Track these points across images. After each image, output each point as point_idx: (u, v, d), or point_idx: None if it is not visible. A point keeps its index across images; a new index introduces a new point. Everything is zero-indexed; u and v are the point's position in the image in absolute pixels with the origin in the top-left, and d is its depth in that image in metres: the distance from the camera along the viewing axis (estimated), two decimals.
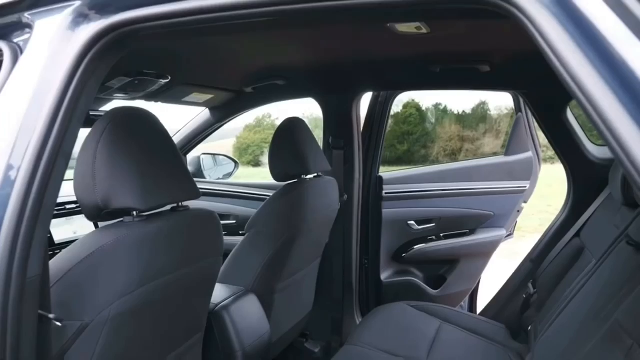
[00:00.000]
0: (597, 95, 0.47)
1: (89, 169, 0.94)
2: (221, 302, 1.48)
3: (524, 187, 2.23)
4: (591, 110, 0.48)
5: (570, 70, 0.50)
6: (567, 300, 1.42)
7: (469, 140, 11.28)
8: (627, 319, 1.00)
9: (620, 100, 0.46)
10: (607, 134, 0.47)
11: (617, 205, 1.52)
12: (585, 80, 0.48)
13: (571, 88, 0.50)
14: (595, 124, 0.48)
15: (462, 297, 2.38)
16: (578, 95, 0.49)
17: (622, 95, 0.46)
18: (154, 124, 1.05)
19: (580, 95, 0.49)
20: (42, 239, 0.79)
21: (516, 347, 1.71)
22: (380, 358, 1.55)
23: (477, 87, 2.11)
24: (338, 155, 2.09)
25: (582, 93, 0.49)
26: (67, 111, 0.77)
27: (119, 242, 0.92)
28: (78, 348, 0.91)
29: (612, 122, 0.46)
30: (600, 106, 0.47)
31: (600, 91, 0.47)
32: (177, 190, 1.06)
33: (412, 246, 2.27)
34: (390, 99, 2.22)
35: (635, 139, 0.45)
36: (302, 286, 1.92)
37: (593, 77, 0.48)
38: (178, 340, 1.19)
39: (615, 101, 0.46)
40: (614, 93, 0.47)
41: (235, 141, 13.61)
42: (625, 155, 0.46)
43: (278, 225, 1.65)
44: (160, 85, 1.70)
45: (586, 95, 0.48)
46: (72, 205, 1.82)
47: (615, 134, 0.46)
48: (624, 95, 0.46)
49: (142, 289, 0.96)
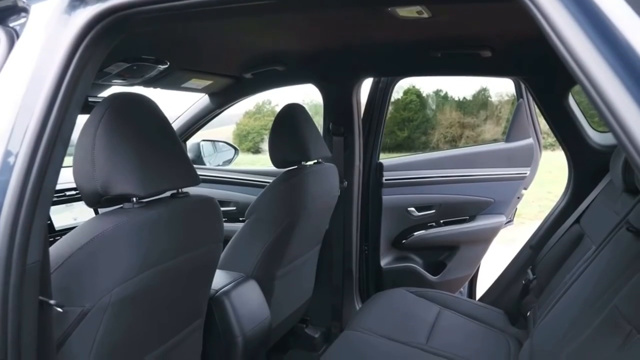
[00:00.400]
0: (601, 79, 0.47)
1: (88, 155, 0.94)
2: (221, 288, 1.49)
3: (524, 174, 2.23)
4: (594, 94, 0.47)
5: (574, 53, 0.49)
6: (566, 286, 1.43)
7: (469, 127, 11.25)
8: (626, 305, 1.00)
9: (625, 84, 0.46)
10: (611, 118, 0.46)
11: (617, 191, 1.51)
12: (588, 63, 0.48)
13: (574, 71, 0.49)
14: (598, 108, 0.48)
15: (462, 283, 2.40)
16: (581, 79, 0.49)
17: (627, 79, 0.46)
18: (153, 109, 1.05)
19: (583, 79, 0.48)
20: (42, 225, 0.78)
21: (515, 332, 1.72)
22: (380, 343, 1.57)
23: (479, 72, 2.10)
24: (338, 142, 2.09)
25: (585, 77, 0.48)
26: (64, 96, 0.76)
27: (118, 228, 0.92)
28: (79, 334, 0.91)
29: (615, 106, 0.46)
30: (604, 90, 0.46)
31: (604, 75, 0.46)
32: (176, 176, 1.06)
33: (412, 232, 2.27)
34: (391, 85, 2.21)
35: (639, 124, 0.45)
36: (302, 272, 1.92)
37: (597, 61, 0.47)
38: (179, 326, 1.20)
39: (619, 85, 0.46)
40: (618, 77, 0.46)
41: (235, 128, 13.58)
42: (628, 140, 0.45)
43: (278, 211, 1.65)
44: (159, 71, 1.68)
45: (589, 79, 0.48)
46: (72, 191, 1.82)
47: (618, 118, 0.45)
48: (628, 79, 0.46)
49: (143, 275, 0.96)
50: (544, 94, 1.88)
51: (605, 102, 0.46)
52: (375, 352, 1.51)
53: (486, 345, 1.61)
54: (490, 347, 1.61)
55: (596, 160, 1.83)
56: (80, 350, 0.93)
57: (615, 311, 1.02)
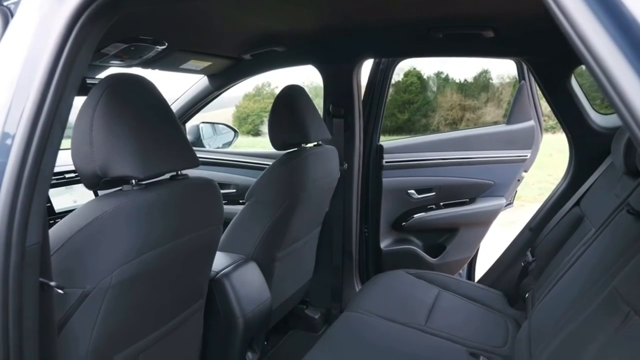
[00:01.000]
0: (608, 58, 0.46)
1: (86, 136, 0.93)
2: (222, 270, 1.49)
3: (524, 156, 2.22)
4: (600, 74, 0.46)
5: (580, 32, 0.48)
6: (565, 268, 1.43)
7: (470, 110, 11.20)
8: (625, 287, 1.00)
9: (632, 63, 0.45)
10: (616, 98, 0.45)
11: (618, 174, 1.51)
12: (595, 42, 0.47)
13: (580, 50, 0.48)
14: (603, 88, 0.47)
15: (461, 265, 2.41)
16: (587, 58, 0.48)
17: (634, 59, 0.45)
18: (152, 90, 1.04)
19: (589, 58, 0.47)
20: (41, 207, 0.78)
21: (513, 313, 1.74)
22: (379, 324, 1.58)
23: (481, 53, 2.07)
24: (338, 124, 2.07)
25: (591, 56, 0.47)
26: (61, 76, 0.75)
27: (118, 210, 0.92)
28: (81, 315, 0.92)
29: (622, 86, 0.45)
30: (610, 69, 0.45)
31: (611, 54, 0.45)
32: (175, 158, 1.05)
33: (411, 215, 2.28)
34: (392, 66, 2.19)
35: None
36: (302, 254, 1.93)
37: (603, 39, 0.46)
38: (179, 307, 1.20)
39: (626, 65, 0.45)
40: (625, 56, 0.45)
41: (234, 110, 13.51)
42: (633, 120, 0.45)
43: (278, 193, 1.64)
44: (157, 51, 1.66)
45: (595, 58, 0.47)
46: (72, 174, 1.81)
47: (624, 98, 0.45)
48: (635, 59, 0.45)
49: (143, 257, 0.96)
50: (546, 76, 1.86)
51: (611, 81, 0.45)
52: (374, 332, 1.53)
53: (485, 326, 1.63)
54: (488, 328, 1.62)
55: (597, 142, 1.82)
56: (81, 332, 0.93)
57: (614, 293, 1.02)
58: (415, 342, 1.49)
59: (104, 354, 0.99)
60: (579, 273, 1.34)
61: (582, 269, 1.35)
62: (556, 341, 1.13)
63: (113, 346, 1.01)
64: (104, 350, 0.98)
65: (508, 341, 1.54)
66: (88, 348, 0.94)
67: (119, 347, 1.03)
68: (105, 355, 0.99)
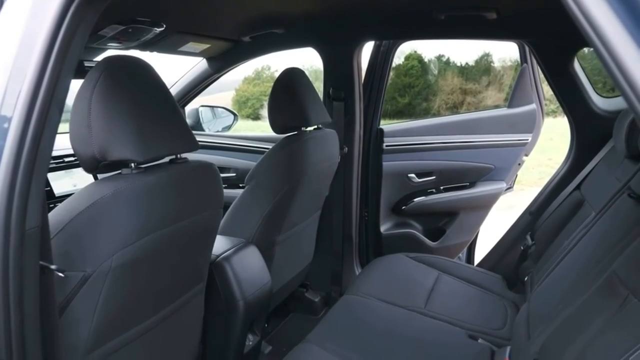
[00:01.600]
0: (615, 39, 0.45)
1: (85, 119, 0.92)
2: (222, 254, 1.50)
3: (526, 140, 2.21)
4: (607, 55, 0.46)
5: (586, 12, 0.47)
6: (565, 251, 1.43)
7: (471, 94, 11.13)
8: (625, 270, 1.01)
9: (639, 43, 0.44)
10: (622, 80, 0.45)
11: (619, 158, 1.50)
12: (602, 23, 0.46)
13: (586, 32, 0.47)
14: (609, 69, 0.46)
15: (461, 249, 2.42)
16: (592, 37, 0.47)
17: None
18: (150, 73, 1.02)
19: (594, 37, 0.46)
20: (40, 190, 0.78)
21: (512, 296, 1.75)
22: (379, 307, 1.59)
23: (483, 36, 2.05)
24: (338, 107, 2.06)
25: (597, 35, 0.46)
26: (57, 58, 0.74)
27: (117, 193, 0.92)
28: (82, 298, 0.92)
29: (628, 67, 0.44)
30: (617, 51, 0.45)
31: (618, 35, 0.45)
32: (175, 141, 1.05)
33: (411, 199, 2.28)
34: (392, 49, 2.16)
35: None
36: (302, 238, 1.94)
37: (611, 20, 0.45)
38: (180, 290, 1.21)
39: (633, 46, 0.44)
40: (632, 38, 0.44)
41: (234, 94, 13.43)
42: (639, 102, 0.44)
43: (278, 177, 1.64)
44: (155, 33, 1.64)
45: (601, 38, 0.46)
46: (71, 158, 1.81)
47: (630, 80, 0.44)
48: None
49: (143, 240, 0.96)
50: (549, 58, 1.84)
51: (618, 62, 0.45)
52: (374, 315, 1.54)
53: (484, 309, 1.64)
54: (487, 311, 1.63)
55: (599, 126, 1.81)
56: (82, 315, 0.94)
57: (613, 276, 1.02)
58: (414, 325, 1.50)
59: (105, 336, 1.00)
60: (579, 256, 1.34)
61: (581, 252, 1.35)
62: (555, 324, 1.14)
63: (115, 329, 1.02)
64: (105, 333, 0.99)
65: (507, 324, 1.55)
66: (90, 331, 0.95)
67: (120, 330, 1.04)
68: (107, 337, 1.00)
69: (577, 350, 0.95)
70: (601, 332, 0.93)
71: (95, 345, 0.98)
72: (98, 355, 0.99)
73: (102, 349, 1.00)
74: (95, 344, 0.98)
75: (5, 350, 0.78)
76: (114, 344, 1.03)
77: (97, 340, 0.98)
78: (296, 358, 1.26)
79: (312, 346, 1.31)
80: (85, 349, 0.96)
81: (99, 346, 0.99)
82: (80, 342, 0.95)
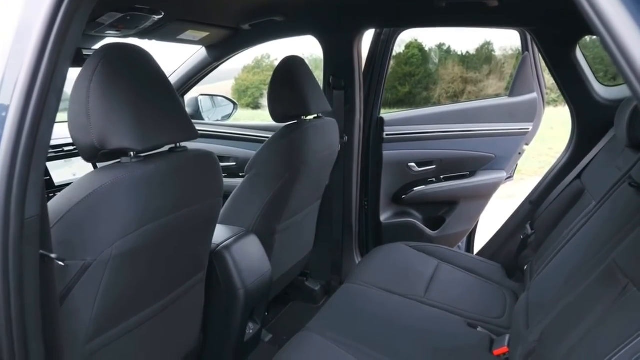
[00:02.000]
0: (620, 27, 0.44)
1: (83, 107, 0.92)
2: (222, 243, 1.50)
3: (526, 129, 2.20)
4: (610, 42, 0.45)
5: None
6: (564, 240, 1.44)
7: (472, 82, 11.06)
8: (625, 259, 1.01)
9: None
10: (627, 68, 0.44)
11: (620, 147, 1.50)
12: (605, 8, 0.45)
13: (590, 17, 0.47)
14: (613, 57, 0.45)
15: (460, 238, 2.42)
16: (596, 24, 0.46)
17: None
18: (149, 61, 1.01)
19: (599, 25, 0.46)
20: (39, 178, 0.77)
21: (511, 285, 1.75)
22: (379, 296, 1.60)
23: (485, 23, 2.03)
24: (338, 96, 2.05)
25: (601, 22, 0.45)
26: (54, 46, 0.73)
27: (116, 182, 0.91)
28: (82, 287, 0.92)
29: (633, 55, 0.43)
30: (621, 37, 0.44)
31: (624, 23, 0.44)
32: (174, 130, 1.04)
33: (412, 188, 2.27)
34: (393, 37, 2.14)
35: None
36: (302, 227, 1.94)
37: (614, 5, 0.44)
38: (180, 279, 1.21)
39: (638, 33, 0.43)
40: (637, 24, 0.44)
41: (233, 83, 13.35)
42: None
43: (278, 166, 1.64)
44: (154, 21, 1.63)
45: (606, 25, 0.45)
46: (70, 147, 1.80)
47: (635, 68, 0.43)
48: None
49: (143, 229, 0.96)
50: (551, 46, 1.82)
51: (623, 50, 0.44)
52: (374, 304, 1.54)
53: (483, 298, 1.65)
54: (487, 299, 1.64)
55: (601, 115, 1.80)
56: (83, 303, 0.94)
57: (613, 265, 1.02)
58: (414, 313, 1.51)
59: (106, 324, 1.00)
60: (579, 245, 1.35)
61: (581, 241, 1.35)
62: (554, 312, 1.14)
63: (115, 317, 1.02)
64: (106, 321, 1.00)
65: (506, 312, 1.56)
66: (90, 319, 0.95)
67: (121, 318, 1.04)
68: (107, 326, 1.01)
69: (576, 338, 0.96)
70: (600, 320, 0.93)
71: (96, 334, 0.98)
72: (99, 343, 1.00)
73: (103, 337, 1.00)
74: (96, 332, 0.98)
75: (7, 338, 0.78)
76: (115, 332, 1.03)
77: (98, 329, 0.98)
78: (296, 346, 1.27)
79: (312, 334, 1.31)
80: (86, 338, 0.97)
81: (100, 334, 1.00)
82: (81, 331, 0.96)
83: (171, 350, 1.28)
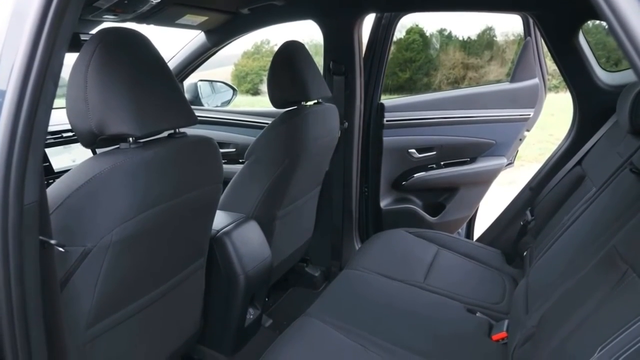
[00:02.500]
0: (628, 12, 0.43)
1: (81, 93, 0.91)
2: (222, 229, 1.50)
3: (527, 115, 2.19)
4: (616, 25, 0.44)
5: None
6: (564, 226, 1.44)
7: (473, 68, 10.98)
8: (625, 245, 1.01)
9: None
10: (633, 53, 0.43)
11: (622, 133, 1.49)
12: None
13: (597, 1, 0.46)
14: (619, 41, 0.44)
15: (460, 224, 2.43)
16: (602, 7, 0.45)
17: None
18: (147, 45, 1.00)
19: (605, 7, 0.45)
20: (37, 164, 0.77)
21: (511, 271, 1.76)
22: (379, 282, 1.60)
23: (487, 8, 2.00)
24: (339, 81, 2.03)
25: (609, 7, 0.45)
26: (50, 30, 0.72)
27: (115, 168, 0.91)
28: (82, 273, 0.93)
29: None
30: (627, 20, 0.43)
31: (631, 6, 0.43)
32: (173, 115, 1.03)
33: (412, 174, 2.27)
34: (394, 22, 2.12)
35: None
36: (302, 213, 1.94)
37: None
38: (180, 265, 1.21)
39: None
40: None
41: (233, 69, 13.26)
42: None
43: (277, 152, 1.63)
44: (151, 5, 1.61)
45: (612, 8, 0.44)
46: (69, 133, 1.79)
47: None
48: None
49: (143, 215, 0.96)
50: (553, 31, 1.80)
51: (629, 34, 0.43)
52: (373, 289, 1.55)
53: (482, 284, 1.65)
54: (486, 285, 1.65)
55: (602, 100, 1.79)
56: (84, 289, 0.94)
57: (613, 251, 1.03)
58: (413, 299, 1.51)
59: (106, 310, 1.00)
60: (579, 231, 1.35)
61: (581, 227, 1.35)
62: (553, 298, 1.15)
63: (116, 303, 1.03)
64: (106, 307, 1.00)
65: (505, 298, 1.57)
66: (91, 305, 0.96)
67: (121, 304, 1.04)
68: (108, 311, 1.01)
69: (574, 324, 0.96)
70: (599, 306, 0.94)
71: (96, 320, 0.99)
72: (99, 329, 1.00)
73: (103, 323, 1.01)
74: (96, 318, 0.98)
75: (8, 324, 0.78)
76: (115, 318, 1.04)
77: (99, 315, 0.99)
78: (296, 331, 1.28)
79: (312, 319, 1.32)
80: (87, 323, 0.97)
81: (100, 320, 1.00)
82: (82, 317, 0.96)
83: (172, 336, 1.29)
